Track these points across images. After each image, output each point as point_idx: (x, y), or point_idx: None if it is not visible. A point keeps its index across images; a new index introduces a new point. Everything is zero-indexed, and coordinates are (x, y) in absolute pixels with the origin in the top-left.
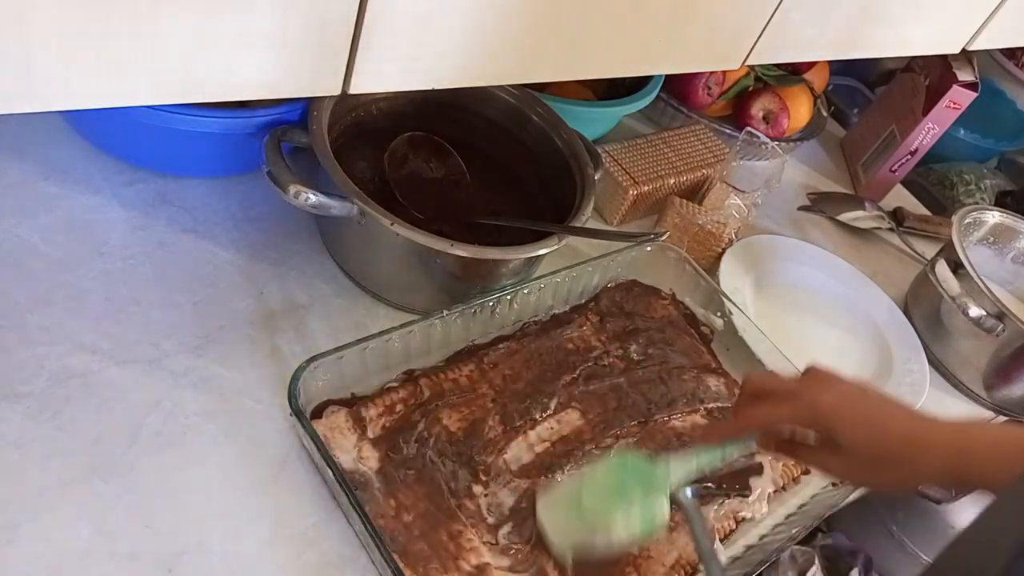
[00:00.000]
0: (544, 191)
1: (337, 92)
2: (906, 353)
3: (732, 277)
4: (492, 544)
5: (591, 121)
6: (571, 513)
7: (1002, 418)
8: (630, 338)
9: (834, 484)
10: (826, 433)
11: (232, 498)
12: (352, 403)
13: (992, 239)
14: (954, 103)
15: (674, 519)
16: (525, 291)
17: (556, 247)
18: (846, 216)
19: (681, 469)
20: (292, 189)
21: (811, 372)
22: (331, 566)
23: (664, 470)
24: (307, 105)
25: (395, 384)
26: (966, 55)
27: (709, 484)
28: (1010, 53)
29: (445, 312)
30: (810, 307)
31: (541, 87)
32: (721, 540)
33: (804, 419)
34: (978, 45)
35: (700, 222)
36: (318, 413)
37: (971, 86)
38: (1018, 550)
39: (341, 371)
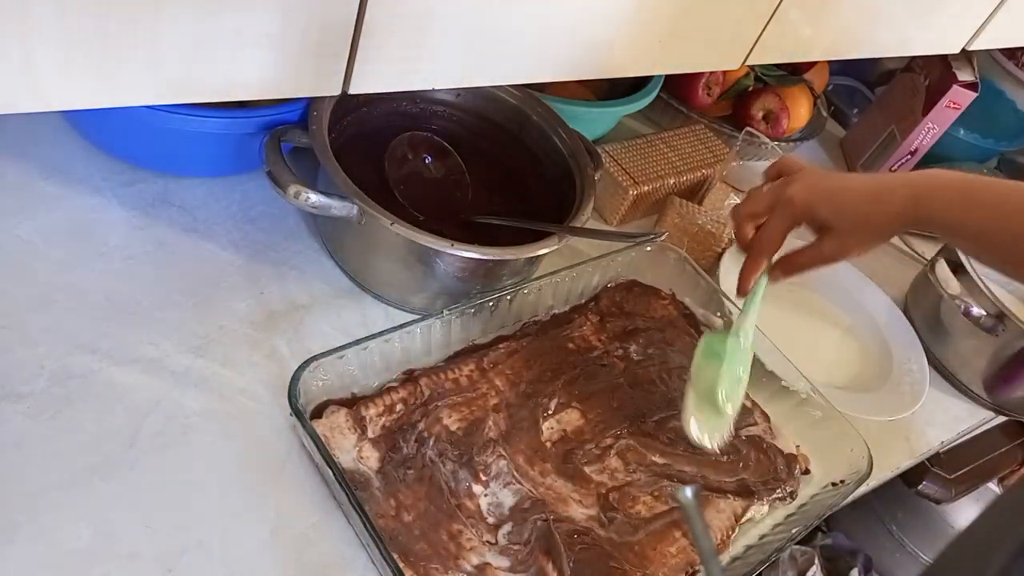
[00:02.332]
0: (544, 191)
1: (337, 92)
2: (906, 353)
3: (732, 277)
4: (492, 544)
5: (591, 121)
6: (717, 416)
7: (1002, 418)
8: (630, 338)
9: (834, 484)
10: (810, 221)
11: (232, 498)
12: (352, 403)
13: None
14: (954, 103)
15: (676, 519)
16: (525, 291)
17: (556, 247)
18: None
19: (747, 322)
20: (292, 189)
21: (780, 168)
22: (331, 566)
23: (739, 334)
24: (307, 105)
25: (395, 384)
26: (966, 55)
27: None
28: (1010, 53)
29: (445, 312)
30: (810, 307)
31: (541, 87)
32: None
33: (790, 218)
34: (978, 45)
35: (700, 222)
36: (318, 413)
37: (971, 86)
38: (1018, 550)
39: (341, 371)
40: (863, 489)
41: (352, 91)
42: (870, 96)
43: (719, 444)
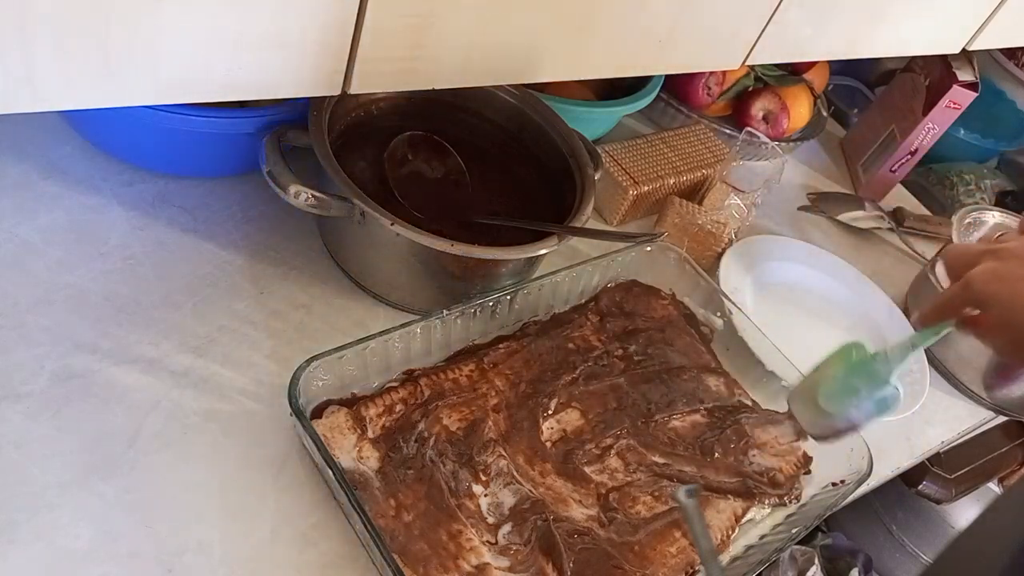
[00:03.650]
0: (544, 191)
1: (337, 92)
2: None
3: (732, 277)
4: (492, 544)
5: (591, 121)
6: (815, 409)
7: (1001, 418)
8: (630, 338)
9: (834, 484)
10: (981, 309)
11: (232, 498)
12: (352, 403)
13: (992, 239)
14: (954, 103)
15: (676, 519)
16: (525, 291)
17: (556, 247)
18: (846, 216)
19: (899, 356)
20: (292, 189)
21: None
22: (331, 566)
23: (884, 363)
24: (307, 105)
25: (395, 384)
26: (966, 55)
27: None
28: (1010, 53)
29: (445, 312)
30: (810, 307)
31: (541, 87)
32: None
33: (963, 298)
34: (978, 45)
35: (700, 222)
36: (318, 413)
37: (971, 86)
38: (1019, 550)
39: (341, 371)
40: (863, 489)
41: (352, 91)
42: (870, 96)
43: (805, 430)
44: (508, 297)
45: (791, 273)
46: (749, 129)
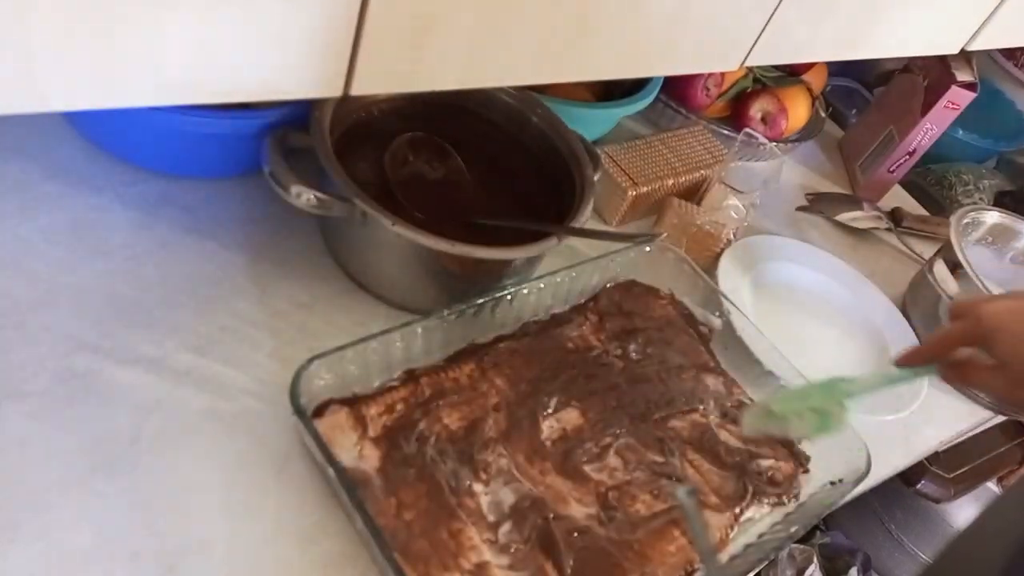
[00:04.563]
0: (544, 192)
1: (339, 94)
2: None
3: (730, 277)
4: (492, 542)
5: (590, 122)
6: (764, 411)
7: (1001, 418)
8: (629, 338)
9: (833, 483)
10: (987, 348)
11: (234, 497)
12: (353, 402)
13: (990, 239)
14: (952, 103)
15: (675, 517)
16: (525, 291)
17: (556, 247)
18: (844, 216)
19: (866, 386)
20: (294, 190)
21: (1002, 295)
22: (332, 564)
23: (848, 383)
24: (309, 106)
25: (396, 383)
26: (965, 55)
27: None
28: (1009, 53)
29: (445, 312)
30: (808, 307)
31: (541, 88)
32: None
33: (970, 333)
34: (977, 45)
35: (699, 222)
36: (319, 412)
37: (970, 86)
38: (1019, 550)
39: (342, 370)
40: (862, 488)
41: (353, 92)
42: (868, 97)
43: (745, 431)
44: (508, 297)
45: (789, 273)
46: (748, 130)
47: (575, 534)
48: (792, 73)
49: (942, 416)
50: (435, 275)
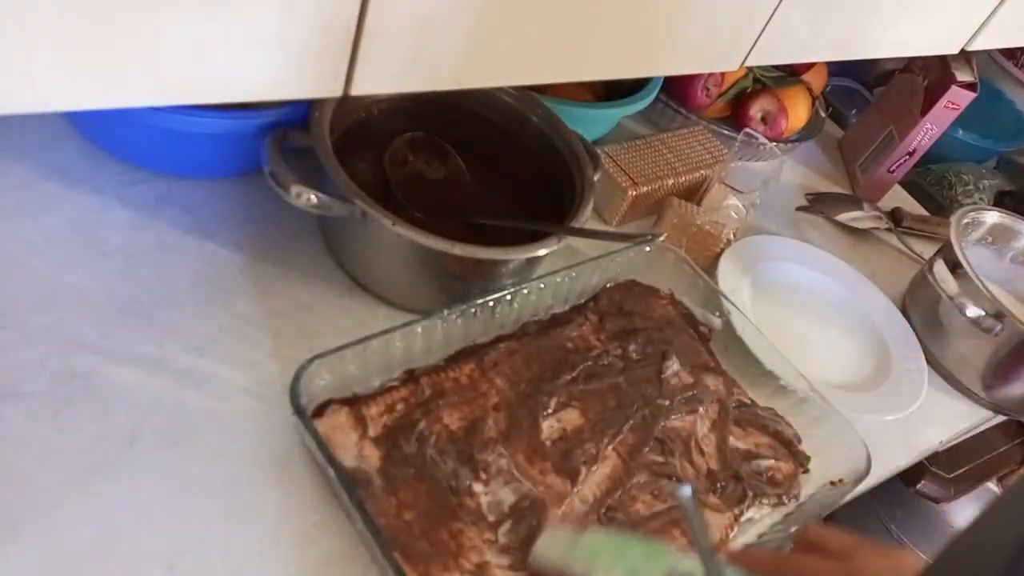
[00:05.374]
0: (544, 192)
1: (339, 94)
2: (904, 353)
3: (730, 277)
4: (492, 542)
5: (590, 122)
6: (567, 543)
7: (1001, 417)
8: (629, 337)
9: (832, 483)
10: None
11: (234, 497)
12: (353, 402)
13: (990, 239)
14: (953, 103)
15: (675, 517)
16: (525, 291)
17: (556, 247)
18: (844, 216)
19: (690, 564)
20: (294, 190)
21: (875, 543)
22: (332, 564)
23: (676, 558)
24: (309, 106)
25: (396, 383)
26: (965, 55)
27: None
28: (1009, 53)
29: (445, 312)
30: (808, 307)
31: (541, 89)
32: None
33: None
34: (977, 45)
35: (699, 222)
36: (319, 412)
37: (970, 86)
38: (1018, 550)
39: (342, 370)
40: (862, 488)
41: (353, 92)
42: (868, 97)
43: (536, 553)
44: (508, 297)
45: (789, 273)
46: (748, 130)
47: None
48: (792, 73)
49: (942, 416)
50: (435, 275)
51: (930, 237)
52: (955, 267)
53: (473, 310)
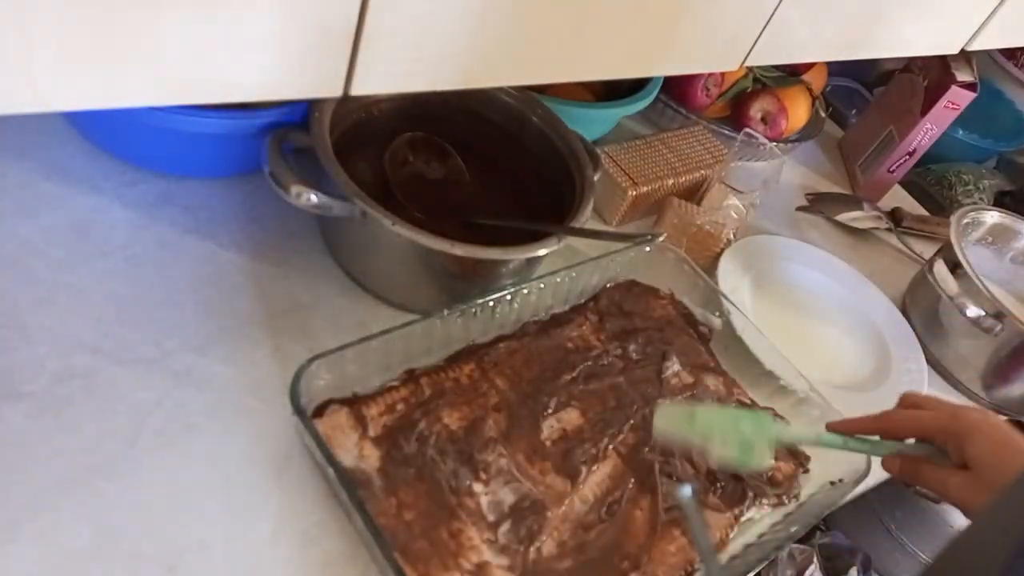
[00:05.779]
0: (544, 192)
1: (339, 94)
2: (904, 353)
3: (730, 277)
4: (492, 542)
5: (590, 122)
6: (684, 416)
7: (1001, 418)
8: (629, 337)
9: (832, 483)
10: (958, 444)
11: (234, 497)
12: (353, 402)
13: (990, 239)
14: (952, 103)
15: (675, 517)
16: (525, 291)
17: (556, 247)
18: (844, 216)
19: (798, 433)
20: (294, 189)
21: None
22: (332, 564)
23: (781, 426)
24: (309, 106)
25: (396, 383)
26: (965, 55)
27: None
28: (1009, 53)
29: (446, 312)
30: (808, 307)
31: (541, 89)
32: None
33: (944, 426)
34: (977, 45)
35: (699, 223)
36: (319, 412)
37: (970, 86)
38: (1018, 550)
39: (343, 370)
40: (862, 488)
41: (353, 92)
42: (868, 97)
43: (657, 426)
44: (508, 297)
45: (789, 273)
46: (748, 130)
47: (575, 534)
48: (792, 73)
49: None
50: (435, 275)
51: (930, 237)
52: (955, 267)
53: (473, 310)
